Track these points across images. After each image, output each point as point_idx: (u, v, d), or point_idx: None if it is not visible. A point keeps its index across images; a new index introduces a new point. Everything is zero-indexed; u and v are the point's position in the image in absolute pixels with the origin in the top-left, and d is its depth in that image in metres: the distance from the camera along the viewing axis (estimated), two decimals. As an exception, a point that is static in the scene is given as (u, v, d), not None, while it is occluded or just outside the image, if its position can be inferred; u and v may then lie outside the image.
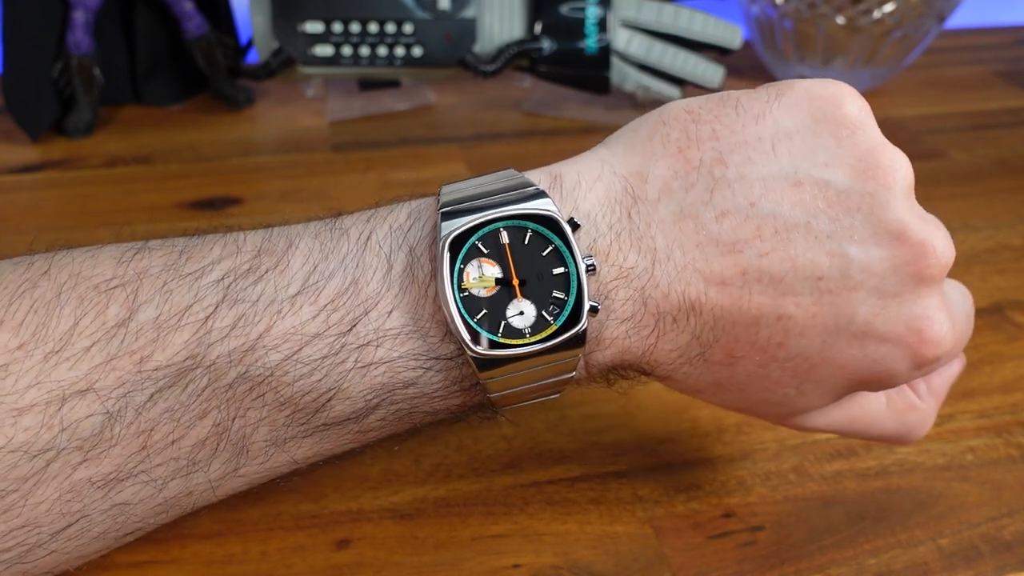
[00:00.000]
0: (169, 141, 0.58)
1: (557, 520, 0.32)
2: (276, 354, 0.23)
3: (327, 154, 0.57)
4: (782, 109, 0.24)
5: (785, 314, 0.24)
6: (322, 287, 0.23)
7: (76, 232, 0.48)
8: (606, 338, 0.24)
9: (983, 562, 0.30)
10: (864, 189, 0.24)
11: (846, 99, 0.25)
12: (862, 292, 0.24)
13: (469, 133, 0.60)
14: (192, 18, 0.57)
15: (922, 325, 0.24)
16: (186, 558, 0.30)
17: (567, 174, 0.25)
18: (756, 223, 0.23)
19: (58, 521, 0.22)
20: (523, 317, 0.23)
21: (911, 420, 0.29)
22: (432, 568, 0.30)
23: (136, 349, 0.22)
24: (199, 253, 0.24)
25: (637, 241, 0.24)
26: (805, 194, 0.24)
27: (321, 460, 0.26)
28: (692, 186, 0.24)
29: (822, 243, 0.23)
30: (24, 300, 0.22)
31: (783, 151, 0.24)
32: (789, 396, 0.26)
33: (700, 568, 0.30)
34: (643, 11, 0.58)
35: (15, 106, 0.55)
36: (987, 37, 0.79)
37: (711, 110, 0.25)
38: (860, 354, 0.24)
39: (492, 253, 0.23)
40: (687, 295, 0.24)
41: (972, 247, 0.48)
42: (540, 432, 0.36)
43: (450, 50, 0.57)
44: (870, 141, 0.24)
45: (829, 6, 0.61)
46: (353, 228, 0.24)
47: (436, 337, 0.23)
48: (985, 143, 0.60)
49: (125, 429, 0.22)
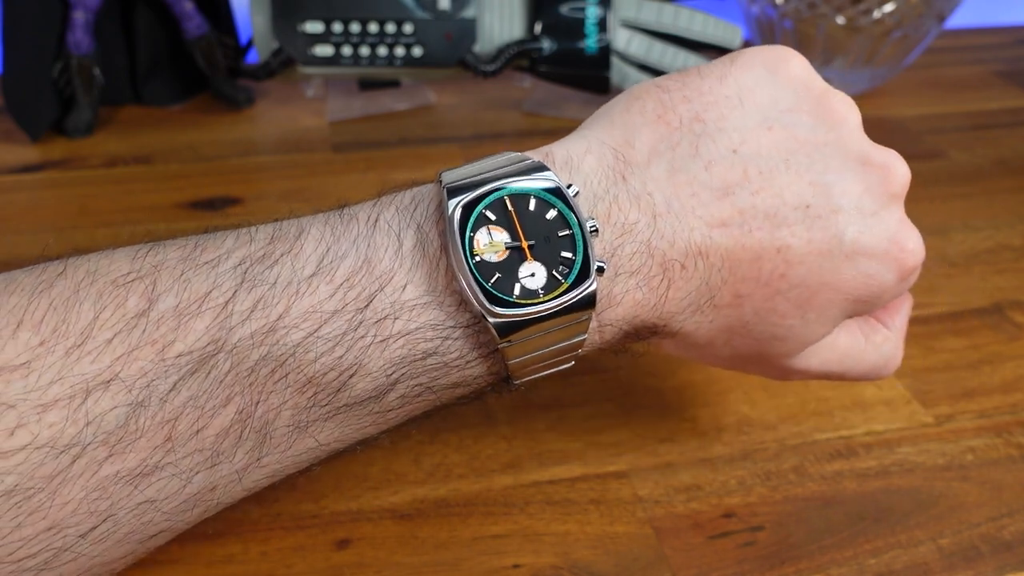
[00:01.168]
0: (169, 141, 0.58)
1: (557, 520, 0.32)
2: (297, 332, 0.23)
3: (327, 154, 0.57)
4: (740, 70, 0.28)
5: (784, 245, 0.26)
6: (336, 267, 0.23)
7: (76, 232, 0.48)
8: (617, 294, 0.25)
9: (983, 562, 0.30)
10: (827, 125, 0.27)
11: (792, 58, 0.28)
12: (845, 214, 0.27)
13: (469, 133, 0.60)
14: (192, 18, 0.57)
15: (900, 238, 0.27)
16: (186, 558, 0.30)
17: (557, 151, 0.26)
18: (742, 167, 0.26)
19: (85, 522, 0.22)
20: (535, 279, 0.24)
21: (886, 351, 0.31)
22: (432, 568, 0.30)
23: (158, 338, 0.22)
24: (213, 244, 0.24)
25: (635, 199, 0.25)
26: (778, 136, 0.27)
27: (342, 447, 0.26)
28: (677, 144, 0.26)
29: (803, 176, 0.26)
30: (42, 299, 0.22)
31: (750, 103, 0.27)
32: (794, 328, 0.28)
33: (700, 568, 0.30)
34: (643, 11, 0.58)
35: (15, 106, 0.55)
36: (987, 37, 0.79)
37: (677, 79, 0.28)
38: (854, 272, 0.27)
39: (499, 220, 0.24)
40: (692, 240, 0.25)
41: (972, 247, 0.48)
42: (540, 432, 0.36)
43: (450, 50, 0.57)
44: (820, 88, 0.28)
45: (829, 6, 0.61)
46: (361, 213, 0.25)
47: (452, 306, 0.24)
48: (985, 143, 0.60)
49: (150, 420, 0.22)
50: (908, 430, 0.36)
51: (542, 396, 0.37)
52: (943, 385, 0.38)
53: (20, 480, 0.21)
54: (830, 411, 0.37)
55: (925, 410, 0.37)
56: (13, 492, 0.21)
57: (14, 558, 0.21)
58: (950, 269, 0.46)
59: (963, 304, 0.44)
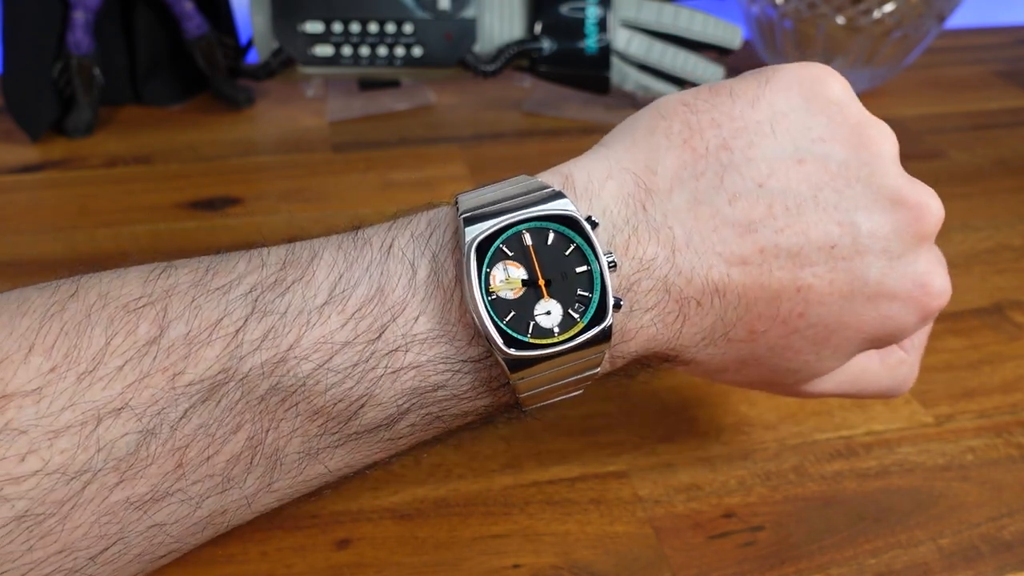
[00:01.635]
0: (169, 141, 0.58)
1: (557, 520, 0.32)
2: (307, 364, 0.23)
3: (327, 154, 0.57)
4: (773, 92, 0.26)
5: (804, 285, 0.25)
6: (348, 295, 0.23)
7: (76, 232, 0.48)
8: (631, 329, 0.25)
9: (983, 562, 0.30)
10: (860, 159, 0.25)
11: (830, 79, 0.26)
12: (871, 256, 0.25)
13: (469, 133, 0.60)
14: (192, 18, 0.57)
15: (926, 280, 0.26)
16: (186, 558, 0.30)
17: (577, 174, 0.25)
18: (768, 202, 0.25)
19: (95, 545, 0.22)
20: (550, 317, 0.23)
21: (901, 373, 0.31)
22: (432, 568, 0.30)
23: (168, 366, 0.22)
24: (225, 268, 0.24)
25: (655, 232, 0.24)
26: (809, 170, 0.25)
27: (352, 472, 0.26)
28: (702, 174, 0.25)
29: (831, 214, 0.25)
30: (54, 323, 0.22)
31: (782, 131, 0.25)
32: (808, 363, 0.27)
33: (700, 568, 0.30)
34: (643, 11, 0.58)
35: (15, 106, 0.55)
36: (987, 37, 0.79)
37: (707, 100, 0.26)
38: (875, 313, 0.26)
39: (517, 255, 0.23)
40: (710, 278, 0.25)
41: (972, 247, 0.48)
42: (540, 432, 0.35)
43: (450, 50, 0.57)
44: (857, 115, 0.26)
45: (829, 6, 0.61)
46: (375, 237, 0.24)
47: (463, 340, 0.23)
48: (985, 143, 0.60)
49: (161, 447, 0.22)
50: (908, 430, 0.36)
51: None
52: (943, 385, 0.38)
53: (31, 505, 0.21)
54: (830, 411, 0.37)
55: (925, 410, 0.37)
56: (24, 517, 0.21)
57: None
58: (950, 269, 0.46)
59: (963, 304, 0.44)
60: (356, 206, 0.51)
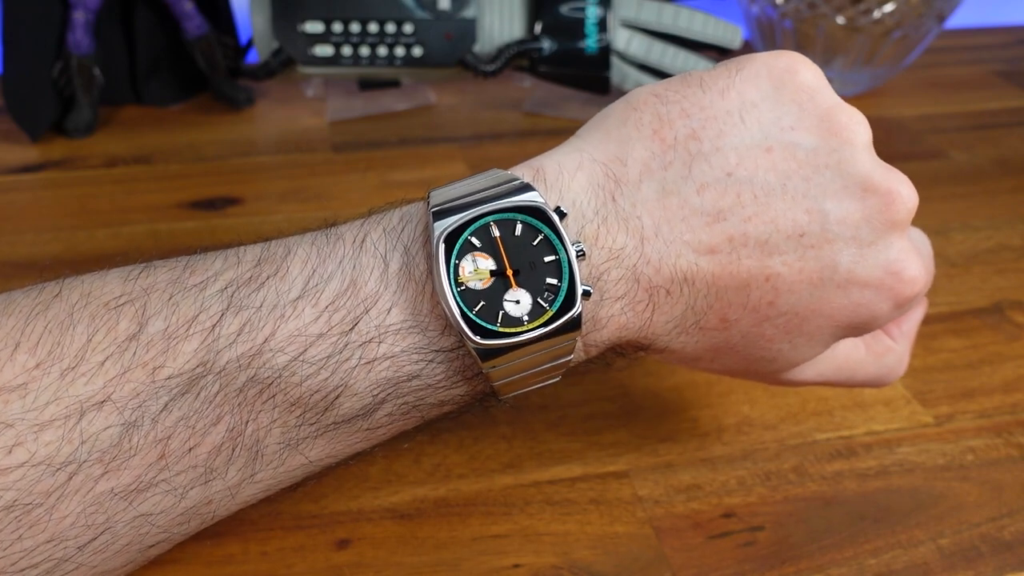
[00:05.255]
0: (169, 141, 0.58)
1: (557, 520, 0.32)
2: (283, 356, 0.23)
3: (327, 154, 0.57)
4: (744, 82, 0.26)
5: (773, 273, 0.25)
6: (322, 289, 0.24)
7: (76, 232, 0.48)
8: (602, 317, 0.25)
9: (983, 562, 0.30)
10: (830, 146, 0.25)
11: (801, 67, 0.26)
12: (840, 243, 0.25)
13: (469, 133, 0.60)
14: (192, 18, 0.57)
15: (898, 268, 0.26)
16: (185, 558, 0.30)
17: (548, 166, 0.26)
18: (736, 191, 0.25)
19: (83, 534, 0.23)
20: (519, 306, 0.24)
21: (889, 362, 0.31)
22: (432, 568, 0.30)
23: (148, 360, 0.23)
24: (202, 266, 0.24)
25: (624, 222, 0.25)
26: (777, 158, 0.25)
27: (334, 462, 0.26)
28: (670, 164, 0.25)
29: (799, 202, 0.25)
30: (38, 321, 0.23)
31: (751, 120, 0.25)
32: (783, 352, 0.27)
33: (700, 568, 0.30)
34: (643, 11, 0.58)
35: (15, 106, 0.55)
36: (987, 37, 0.79)
37: (677, 90, 0.26)
38: (845, 301, 0.26)
39: (485, 247, 0.24)
40: (678, 267, 0.25)
41: (972, 247, 0.48)
42: (540, 432, 0.36)
43: (450, 50, 0.57)
44: (828, 102, 0.26)
45: (829, 6, 0.61)
46: (348, 233, 0.25)
47: (436, 331, 0.24)
48: (985, 143, 0.60)
49: (143, 439, 0.22)
50: (908, 430, 0.36)
51: (542, 396, 0.37)
52: (943, 385, 0.38)
53: (19, 496, 0.22)
54: (830, 411, 0.37)
55: (925, 410, 0.37)
56: (12, 507, 0.22)
57: (17, 568, 0.22)
58: (950, 269, 0.46)
59: (963, 304, 0.44)
60: (356, 206, 0.51)
